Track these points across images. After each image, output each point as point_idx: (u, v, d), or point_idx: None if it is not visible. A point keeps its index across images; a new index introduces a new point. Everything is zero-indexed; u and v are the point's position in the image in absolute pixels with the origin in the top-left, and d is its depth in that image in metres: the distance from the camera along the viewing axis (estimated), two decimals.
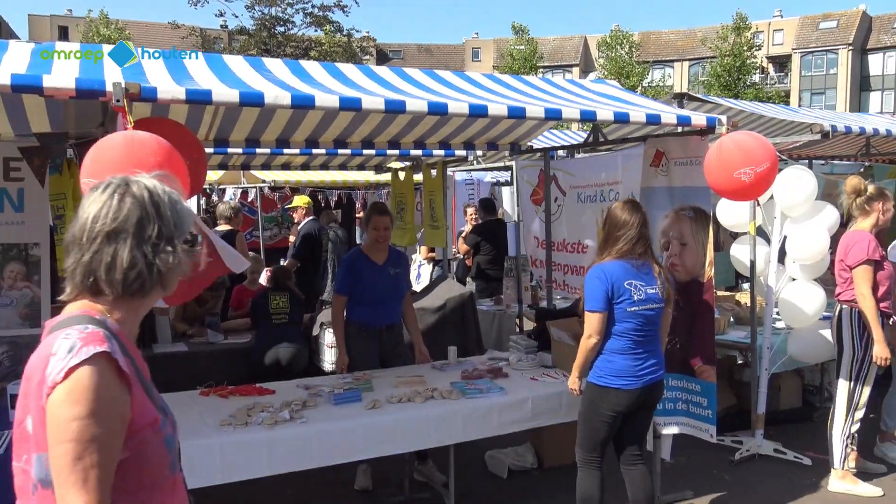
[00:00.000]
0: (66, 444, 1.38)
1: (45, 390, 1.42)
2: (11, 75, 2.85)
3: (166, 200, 1.60)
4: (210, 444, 3.52)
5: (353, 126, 5.28)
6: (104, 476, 1.41)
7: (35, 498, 1.47)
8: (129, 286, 1.55)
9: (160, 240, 1.57)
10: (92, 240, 1.53)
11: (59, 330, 1.49)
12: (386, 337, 5.02)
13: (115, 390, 1.45)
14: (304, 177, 10.99)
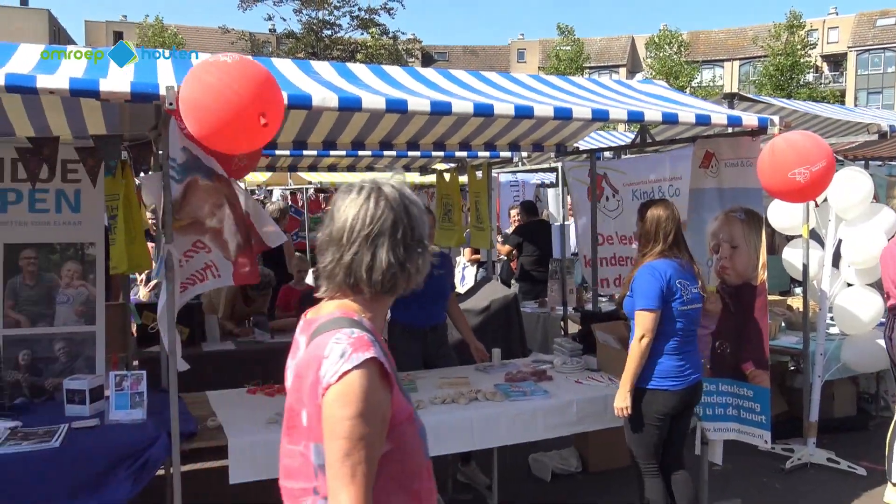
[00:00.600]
0: (339, 441, 1.54)
1: (319, 390, 1.58)
2: (70, 79, 2.95)
3: (412, 203, 1.75)
4: (256, 441, 3.58)
5: (399, 127, 5.30)
6: (369, 471, 1.56)
7: (319, 479, 1.64)
8: (385, 286, 1.70)
9: (412, 241, 1.71)
10: (352, 241, 1.68)
11: (326, 332, 1.64)
12: (430, 338, 5.03)
13: (380, 393, 1.59)
14: (350, 178, 11.08)
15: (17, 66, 3.23)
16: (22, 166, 4.16)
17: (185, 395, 3.91)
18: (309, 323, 1.75)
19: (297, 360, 1.75)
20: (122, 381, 3.72)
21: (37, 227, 4.36)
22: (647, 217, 3.87)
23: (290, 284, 7.09)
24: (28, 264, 4.33)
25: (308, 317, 1.79)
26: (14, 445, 3.31)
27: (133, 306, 5.59)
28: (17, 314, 4.30)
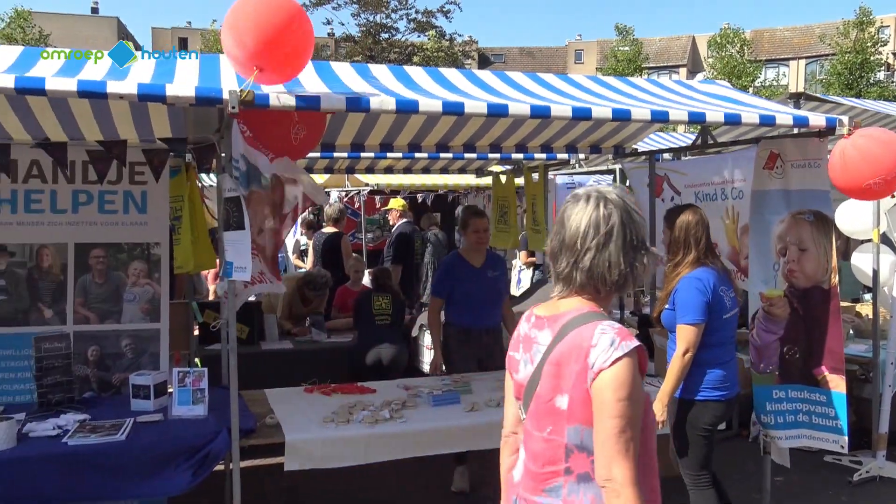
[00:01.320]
0: (613, 420, 1.73)
1: (590, 375, 1.77)
2: (138, 85, 3.04)
3: (633, 208, 1.91)
4: (312, 438, 3.63)
5: (455, 130, 5.32)
6: (636, 447, 1.75)
7: (571, 460, 1.84)
8: (618, 285, 1.87)
9: (638, 243, 1.88)
10: (586, 246, 1.86)
11: (585, 325, 1.82)
12: (484, 340, 5.02)
13: (639, 378, 1.79)
14: (406, 180, 11.16)
15: (89, 73, 3.35)
16: (93, 168, 4.31)
17: (244, 392, 3.99)
18: (551, 319, 1.92)
19: (543, 352, 1.90)
20: (184, 377, 3.82)
21: (106, 228, 4.52)
22: (677, 224, 3.79)
23: (347, 285, 7.18)
24: (97, 263, 4.49)
25: (542, 314, 1.97)
26: (83, 437, 3.43)
27: (195, 305, 5.74)
28: (87, 311, 4.47)
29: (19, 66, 3.36)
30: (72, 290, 4.46)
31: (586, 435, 1.80)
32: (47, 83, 2.95)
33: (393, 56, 34.67)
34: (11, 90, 2.92)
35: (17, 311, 4.39)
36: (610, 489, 1.74)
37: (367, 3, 34.10)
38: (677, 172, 6.14)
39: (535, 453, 1.92)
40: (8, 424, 3.35)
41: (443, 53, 35.27)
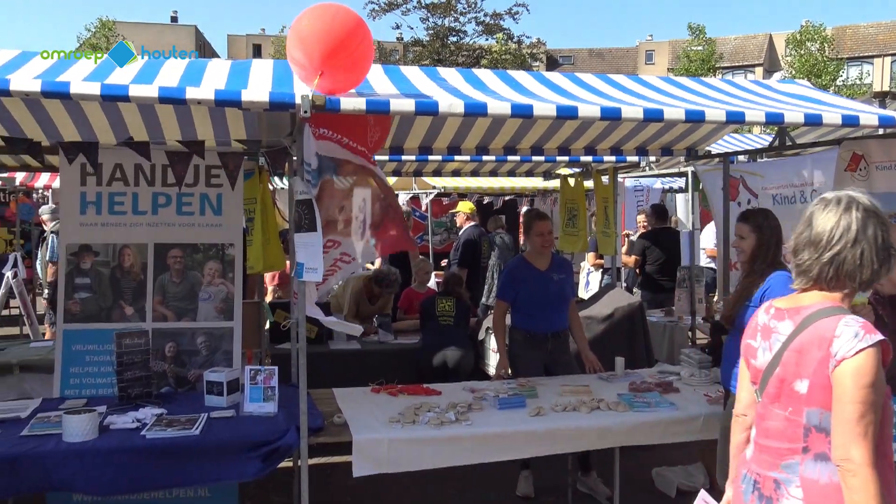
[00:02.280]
0: (853, 405, 1.90)
1: (832, 363, 1.96)
2: (215, 91, 3.14)
3: (881, 212, 2.09)
4: (379, 438, 3.67)
5: (523, 132, 5.29)
6: (874, 433, 1.91)
7: (809, 440, 2.03)
8: (866, 281, 2.06)
9: (887, 245, 2.06)
10: (831, 244, 2.05)
11: (829, 317, 2.01)
12: (551, 344, 4.98)
13: (881, 368, 1.94)
14: (474, 183, 11.18)
15: (167, 79, 3.48)
16: (171, 171, 4.47)
17: (312, 390, 4.06)
18: (792, 311, 2.13)
19: (784, 341, 2.09)
20: (256, 375, 3.91)
21: (183, 229, 4.68)
22: (766, 227, 3.73)
23: (413, 287, 7.24)
24: (175, 263, 4.66)
25: (782, 306, 2.18)
26: (160, 431, 3.56)
27: (267, 305, 5.88)
28: (165, 309, 4.63)
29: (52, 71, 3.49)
30: (151, 289, 4.63)
31: (825, 418, 1.98)
32: (130, 90, 3.07)
33: (461, 59, 34.75)
34: (98, 97, 3.06)
35: (101, 308, 4.59)
36: (847, 468, 1.89)
37: (435, 7, 34.29)
38: (754, 175, 5.96)
39: (773, 432, 2.11)
40: (91, 416, 3.51)
41: (510, 56, 35.15)
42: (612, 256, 7.40)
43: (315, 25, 3.28)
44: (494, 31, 35.06)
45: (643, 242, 8.20)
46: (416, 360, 5.94)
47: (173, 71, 3.67)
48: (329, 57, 3.23)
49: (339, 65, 3.27)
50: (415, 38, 36.05)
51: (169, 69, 3.70)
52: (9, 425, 3.65)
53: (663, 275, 7.96)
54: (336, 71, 3.28)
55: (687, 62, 46.20)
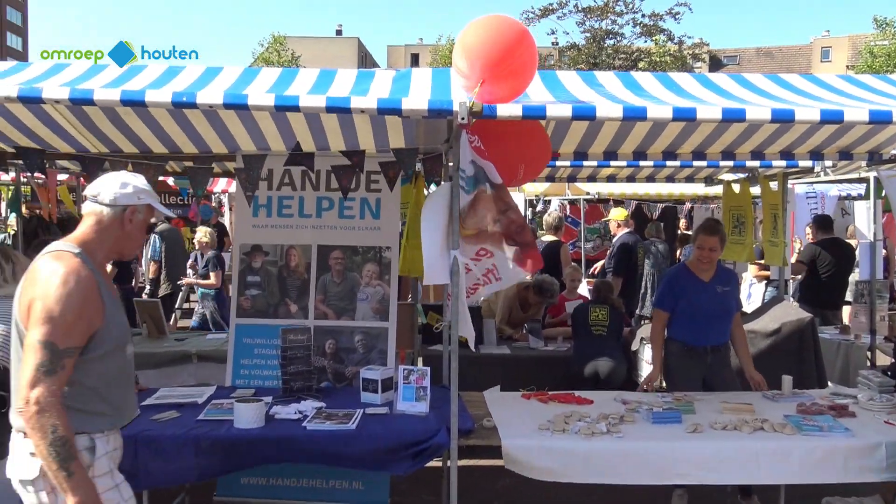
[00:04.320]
0: None
1: None
2: (377, 100, 3.27)
3: None
4: (529, 445, 3.65)
5: (684, 136, 5.08)
6: None
7: None
8: None
9: None
10: None
11: None
12: (710, 358, 4.74)
13: None
14: (629, 189, 10.90)
15: (337, 89, 3.67)
16: (335, 177, 4.69)
17: (463, 393, 4.11)
18: None
19: None
20: (409, 375, 4.02)
21: (344, 231, 4.91)
22: None
23: (563, 294, 7.14)
24: (336, 264, 4.89)
25: None
26: (319, 423, 3.74)
27: (420, 306, 6.03)
28: (326, 307, 4.87)
29: (236, 84, 3.74)
30: (314, 288, 4.89)
31: None
32: (301, 100, 3.27)
33: (618, 62, 33.99)
34: (272, 107, 3.28)
35: (269, 304, 4.91)
36: None
37: (592, 10, 33.78)
38: None
39: None
40: (259, 406, 3.75)
41: (670, 57, 33.94)
42: (780, 268, 6.93)
43: (480, 35, 3.35)
44: (653, 32, 34.00)
45: (814, 249, 7.62)
46: (566, 368, 5.86)
47: (344, 81, 3.87)
48: (492, 66, 3.28)
49: (502, 74, 3.30)
50: (570, 43, 35.69)
51: (340, 80, 3.90)
52: (188, 409, 3.99)
53: (829, 289, 7.38)
54: (498, 80, 3.31)
55: (870, 59, 42.43)
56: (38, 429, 2.21)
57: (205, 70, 4.01)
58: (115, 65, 4.00)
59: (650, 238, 9.19)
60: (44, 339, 2.24)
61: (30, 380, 2.22)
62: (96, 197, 2.52)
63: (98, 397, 2.43)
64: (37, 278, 2.33)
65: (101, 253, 2.53)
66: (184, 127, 4.70)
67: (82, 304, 2.30)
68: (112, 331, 2.43)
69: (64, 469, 2.22)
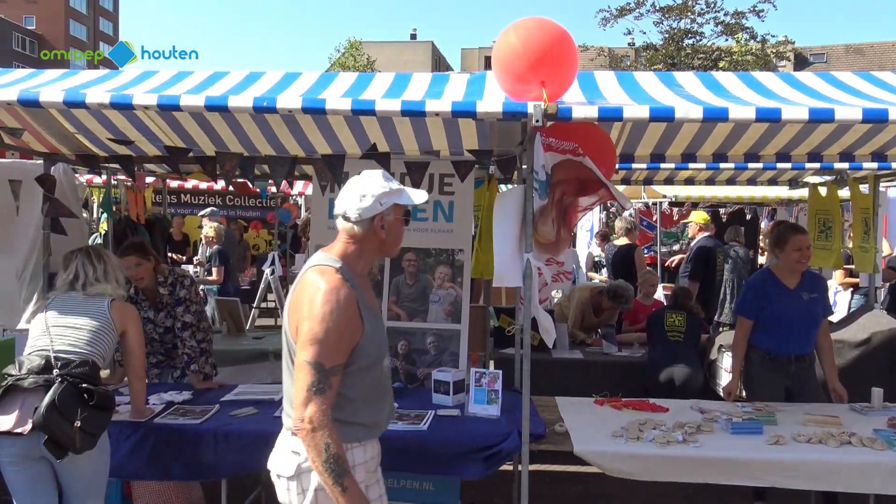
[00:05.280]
0: None
1: None
2: (452, 103, 3.29)
3: None
4: (602, 451, 3.60)
5: (767, 137, 4.91)
6: None
7: None
8: None
9: None
10: None
11: None
12: (794, 368, 4.56)
13: None
14: (708, 192, 10.61)
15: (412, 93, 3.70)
16: (409, 179, 4.74)
17: (534, 397, 4.09)
18: None
19: None
20: (480, 377, 4.02)
21: (417, 234, 4.94)
22: None
23: (638, 298, 7.01)
24: (409, 266, 4.93)
25: None
26: (392, 423, 3.77)
27: (492, 309, 6.01)
28: (399, 309, 4.92)
29: (312, 89, 3.80)
30: (387, 289, 4.94)
31: None
32: (377, 104, 3.32)
33: (696, 62, 33.14)
34: (348, 111, 3.34)
35: None
36: None
37: (670, 10, 33.05)
38: None
39: None
40: None
41: (752, 56, 32.86)
42: (870, 275, 6.61)
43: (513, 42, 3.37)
44: (735, 30, 33.00)
45: None
46: (641, 374, 5.74)
47: (418, 84, 3.90)
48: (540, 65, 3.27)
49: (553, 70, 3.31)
50: (647, 43, 35.04)
51: (415, 83, 3.94)
52: (265, 406, 4.09)
53: None
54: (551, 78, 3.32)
55: None
56: (313, 447, 2.32)
57: (284, 75, 4.11)
58: (199, 70, 4.14)
59: (729, 242, 8.92)
60: (312, 360, 2.33)
61: (303, 399, 2.33)
62: (344, 214, 2.56)
63: (358, 408, 2.49)
64: (303, 295, 2.42)
65: (362, 263, 2.59)
66: (263, 129, 4.83)
67: (344, 323, 2.38)
68: (371, 344, 2.50)
69: (339, 485, 2.31)
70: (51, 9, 68.52)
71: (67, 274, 3.57)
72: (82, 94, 3.47)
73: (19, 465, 3.14)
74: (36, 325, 3.45)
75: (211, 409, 3.97)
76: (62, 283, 3.58)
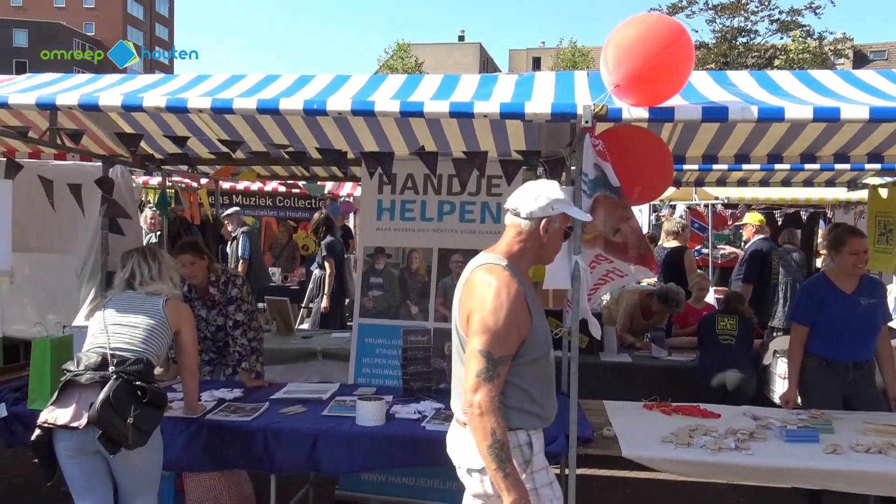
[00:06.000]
0: None
1: None
2: (500, 104, 3.28)
3: None
4: (650, 457, 3.54)
5: (825, 137, 4.78)
6: None
7: None
8: None
9: None
10: None
11: None
12: (853, 375, 4.42)
13: None
14: (762, 193, 10.36)
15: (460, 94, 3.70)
16: (456, 180, 4.75)
17: (582, 401, 4.05)
18: None
19: None
20: None
21: (465, 235, 4.95)
22: None
23: (689, 302, 6.88)
24: (457, 267, 4.93)
25: None
26: (438, 424, 3.78)
27: None
28: (446, 310, 4.92)
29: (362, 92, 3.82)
30: (434, 291, 4.96)
31: None
32: (425, 106, 3.33)
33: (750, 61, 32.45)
34: (397, 113, 3.36)
35: (391, 305, 5.02)
36: None
37: (724, 8, 32.42)
38: None
39: None
40: (380, 404, 3.84)
41: (809, 55, 32.03)
42: None
43: (630, 36, 3.24)
44: (791, 28, 32.20)
45: None
46: (691, 379, 5.64)
47: (467, 86, 3.90)
48: (632, 71, 3.16)
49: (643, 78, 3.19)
50: (699, 42, 34.43)
51: (463, 85, 3.94)
52: (313, 404, 4.14)
53: None
54: (637, 85, 3.20)
55: None
56: (480, 430, 2.42)
57: (334, 78, 4.15)
58: (252, 74, 4.21)
59: (784, 245, 8.70)
60: (482, 349, 2.45)
61: (472, 385, 2.44)
62: (515, 210, 2.68)
63: (530, 399, 2.61)
64: (474, 291, 2.55)
65: (525, 263, 2.70)
66: (314, 131, 4.89)
67: (513, 315, 2.48)
68: (539, 338, 2.61)
69: (501, 469, 2.41)
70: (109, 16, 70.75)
71: (124, 273, 3.67)
72: (139, 98, 3.56)
73: (76, 458, 3.24)
74: (94, 322, 3.55)
75: (261, 406, 4.04)
76: (119, 282, 3.68)
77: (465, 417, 2.55)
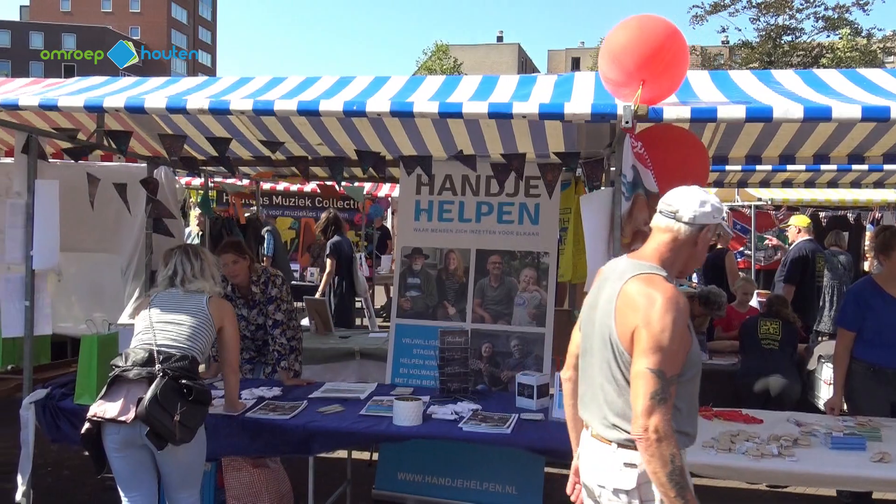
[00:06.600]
0: None
1: None
2: (539, 105, 3.26)
3: None
4: (691, 462, 3.46)
5: (875, 137, 4.65)
6: None
7: None
8: None
9: None
10: None
11: None
12: None
13: None
14: (807, 195, 10.12)
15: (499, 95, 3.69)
16: (495, 181, 4.74)
17: None
18: None
19: None
20: None
21: (503, 236, 4.94)
22: None
23: (733, 305, 6.77)
24: (494, 268, 4.93)
25: None
26: (475, 425, 3.78)
27: (576, 313, 5.93)
28: (483, 311, 4.92)
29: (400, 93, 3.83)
30: (471, 291, 4.96)
31: None
32: (464, 107, 3.33)
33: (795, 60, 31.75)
34: (436, 114, 3.37)
35: (428, 306, 5.04)
36: None
37: (768, 6, 31.79)
38: None
39: None
40: (417, 405, 3.85)
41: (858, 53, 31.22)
42: None
43: (627, 35, 3.23)
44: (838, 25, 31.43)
45: None
46: (732, 383, 5.54)
47: (506, 87, 3.89)
48: (646, 64, 3.15)
49: (657, 71, 3.17)
50: (742, 41, 33.82)
51: (502, 86, 3.93)
52: (351, 404, 4.17)
53: None
54: (654, 78, 3.19)
55: None
56: (658, 457, 2.25)
57: (373, 80, 4.17)
58: (292, 76, 4.25)
59: (830, 248, 8.50)
60: (655, 368, 2.28)
61: (645, 408, 2.26)
62: (675, 213, 2.48)
63: (684, 418, 2.45)
64: (636, 303, 2.37)
65: (675, 270, 2.55)
66: (350, 133, 4.93)
67: (681, 332, 2.33)
68: (696, 354, 2.48)
69: (681, 497, 2.25)
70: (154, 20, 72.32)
71: (167, 270, 3.74)
72: (184, 101, 3.62)
73: (123, 451, 3.31)
74: (140, 320, 3.63)
75: (299, 405, 4.08)
76: (162, 280, 3.75)
77: (614, 434, 2.41)
